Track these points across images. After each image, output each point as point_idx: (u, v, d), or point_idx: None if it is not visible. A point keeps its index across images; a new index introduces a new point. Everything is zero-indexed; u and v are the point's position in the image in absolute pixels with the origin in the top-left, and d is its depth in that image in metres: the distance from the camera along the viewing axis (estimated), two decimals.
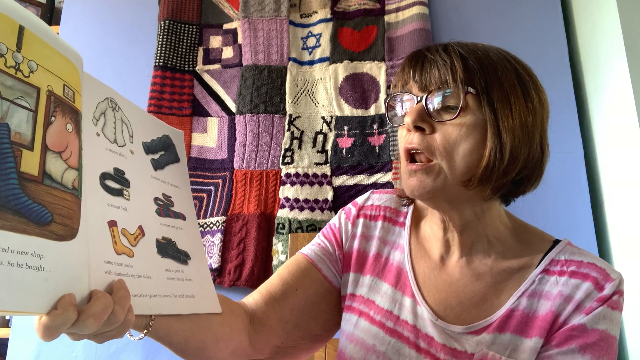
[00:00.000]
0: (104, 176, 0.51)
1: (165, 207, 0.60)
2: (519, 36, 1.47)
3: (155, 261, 0.55)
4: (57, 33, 1.63)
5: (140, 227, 0.54)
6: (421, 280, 0.69)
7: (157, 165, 0.61)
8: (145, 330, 0.53)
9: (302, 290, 0.73)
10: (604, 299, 0.60)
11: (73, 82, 0.47)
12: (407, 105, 0.65)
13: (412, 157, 0.63)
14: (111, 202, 0.51)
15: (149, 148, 0.60)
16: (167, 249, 0.57)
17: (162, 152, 0.63)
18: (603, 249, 1.29)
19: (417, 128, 0.61)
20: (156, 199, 0.59)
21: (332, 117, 1.47)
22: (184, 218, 0.62)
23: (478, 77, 0.59)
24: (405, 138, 0.63)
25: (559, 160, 1.36)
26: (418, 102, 0.62)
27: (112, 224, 0.50)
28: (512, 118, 0.59)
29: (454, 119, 0.59)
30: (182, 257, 0.59)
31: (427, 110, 0.61)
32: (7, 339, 1.47)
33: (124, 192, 0.53)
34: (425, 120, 0.61)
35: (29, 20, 0.42)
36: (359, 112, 1.45)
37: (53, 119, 0.43)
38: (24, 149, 0.40)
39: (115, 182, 0.52)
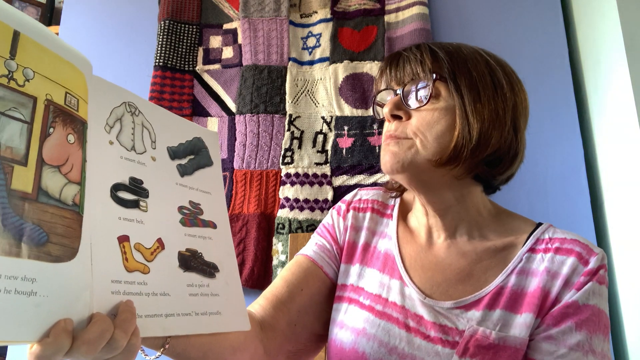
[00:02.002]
0: (116, 187, 0.48)
1: (192, 216, 0.56)
2: (519, 36, 1.47)
3: (176, 276, 0.51)
4: (57, 33, 1.64)
5: (159, 240, 0.51)
6: (408, 263, 0.71)
7: (185, 171, 0.58)
8: (162, 349, 0.51)
9: (307, 290, 0.74)
10: (590, 272, 0.62)
11: (78, 89, 0.44)
12: (388, 100, 0.70)
13: None
14: (124, 216, 0.48)
15: (175, 153, 0.57)
16: (191, 261, 0.54)
17: (191, 157, 0.59)
18: (603, 248, 1.29)
19: (395, 117, 0.67)
20: (181, 208, 0.55)
21: (332, 117, 1.47)
22: (214, 226, 0.59)
23: (446, 66, 0.65)
24: (386, 127, 0.69)
25: (559, 160, 1.36)
26: (396, 95, 0.68)
27: (124, 239, 0.47)
28: (481, 103, 0.64)
29: (425, 104, 0.65)
30: (208, 269, 0.56)
31: (403, 100, 0.67)
32: None
33: (141, 203, 0.50)
34: (400, 109, 0.67)
35: (26, 25, 0.39)
36: (359, 112, 1.45)
37: (52, 130, 0.40)
38: (16, 165, 0.37)
39: (131, 193, 0.49)
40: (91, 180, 0.44)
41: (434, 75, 0.64)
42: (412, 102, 0.66)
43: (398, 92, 0.68)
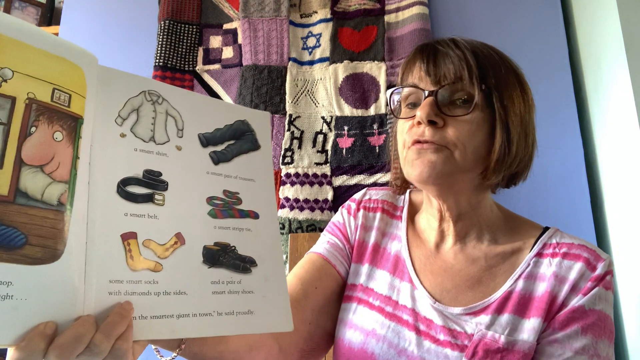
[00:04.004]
0: (125, 182, 0.46)
1: (225, 207, 0.53)
2: (519, 36, 1.47)
3: (197, 273, 0.48)
4: (57, 33, 1.63)
5: (178, 235, 0.48)
6: (418, 267, 0.71)
7: (220, 158, 0.54)
8: (178, 350, 0.50)
9: (321, 288, 0.73)
10: (597, 278, 0.62)
11: (70, 84, 0.43)
12: (414, 98, 0.66)
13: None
14: (132, 211, 0.45)
15: (208, 140, 0.54)
16: (220, 256, 0.50)
17: (230, 142, 0.55)
18: (603, 248, 1.29)
19: (430, 122, 0.62)
20: (211, 199, 0.52)
21: (332, 117, 1.47)
22: (255, 216, 0.55)
23: (490, 74, 0.62)
24: (413, 131, 0.63)
25: (559, 160, 1.36)
26: (428, 95, 0.62)
27: (129, 236, 0.45)
28: (515, 114, 0.63)
29: (468, 114, 0.61)
30: (242, 264, 0.52)
31: (437, 104, 0.62)
32: None
33: (156, 196, 0.47)
34: (438, 115, 0.62)
35: (4, 23, 0.38)
36: (359, 112, 1.45)
37: (33, 129, 0.39)
38: None
39: (144, 187, 0.47)
40: (93, 177, 0.43)
41: (481, 84, 0.61)
42: (448, 109, 0.62)
43: (431, 93, 0.62)
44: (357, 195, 0.81)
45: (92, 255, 0.42)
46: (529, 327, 0.62)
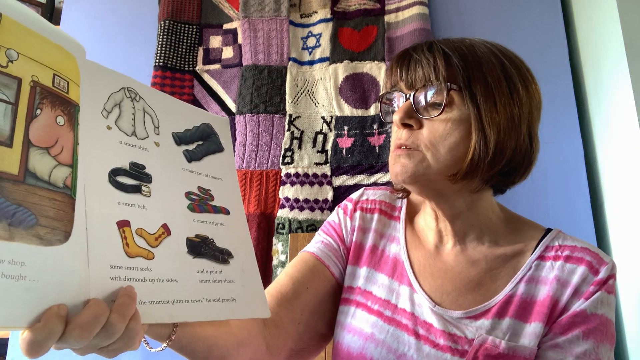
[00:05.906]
0: (115, 172, 0.47)
1: (201, 202, 0.55)
2: (519, 36, 1.47)
3: (184, 262, 0.50)
4: None
5: (164, 226, 0.49)
6: (417, 269, 0.70)
7: (192, 157, 0.57)
8: (168, 340, 0.50)
9: (312, 288, 0.72)
10: (600, 282, 0.61)
11: (67, 72, 0.43)
12: (397, 103, 0.67)
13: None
14: (124, 200, 0.46)
15: (181, 139, 0.56)
16: (202, 248, 0.53)
17: (199, 143, 0.58)
18: (603, 248, 1.29)
19: (405, 125, 0.64)
20: (189, 194, 0.54)
21: (332, 117, 1.47)
22: (227, 212, 0.58)
23: (461, 74, 0.61)
24: (396, 134, 0.66)
25: (559, 160, 1.36)
26: (406, 100, 0.64)
27: (124, 224, 0.46)
28: (497, 112, 0.61)
29: (438, 115, 0.62)
30: (221, 256, 0.54)
31: (414, 108, 0.63)
32: (7, 339, 1.47)
33: (143, 188, 0.49)
34: (412, 117, 0.63)
35: (8, 6, 0.38)
36: (359, 112, 1.45)
37: (39, 111, 0.39)
38: (0, 146, 0.36)
39: (132, 178, 0.48)
40: (87, 164, 0.43)
41: (448, 84, 0.61)
42: (424, 111, 0.63)
43: (408, 97, 0.64)
44: (354, 195, 0.80)
45: (93, 240, 0.42)
46: (530, 332, 0.61)
